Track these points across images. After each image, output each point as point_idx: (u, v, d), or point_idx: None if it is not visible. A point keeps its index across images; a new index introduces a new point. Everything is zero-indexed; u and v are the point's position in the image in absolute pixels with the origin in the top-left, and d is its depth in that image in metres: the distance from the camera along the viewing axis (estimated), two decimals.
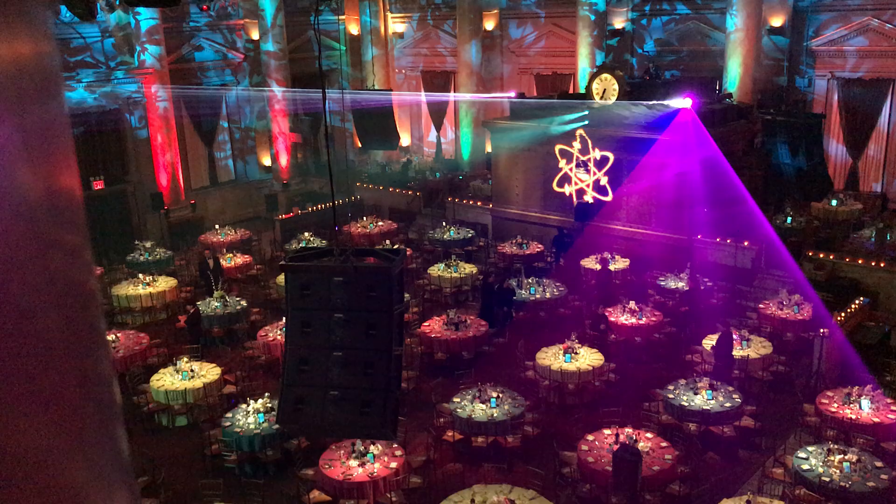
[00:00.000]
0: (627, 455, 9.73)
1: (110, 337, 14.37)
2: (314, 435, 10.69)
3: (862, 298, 14.74)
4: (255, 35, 25.33)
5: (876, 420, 11.04)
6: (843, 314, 13.94)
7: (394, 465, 10.29)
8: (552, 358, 13.26)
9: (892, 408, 11.27)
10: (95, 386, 1.15)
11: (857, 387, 11.55)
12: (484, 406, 11.60)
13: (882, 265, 16.03)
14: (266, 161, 26.49)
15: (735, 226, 17.24)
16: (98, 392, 1.15)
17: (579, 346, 13.41)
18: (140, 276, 17.72)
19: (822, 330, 13.27)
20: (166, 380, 12.95)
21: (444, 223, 21.16)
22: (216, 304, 16.10)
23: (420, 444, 11.64)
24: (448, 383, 13.18)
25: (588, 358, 13.22)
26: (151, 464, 11.16)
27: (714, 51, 21.47)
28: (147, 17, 21.88)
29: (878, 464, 9.85)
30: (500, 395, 11.81)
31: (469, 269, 18.08)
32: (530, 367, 13.50)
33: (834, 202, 19.17)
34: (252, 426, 11.35)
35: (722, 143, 17.01)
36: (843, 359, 12.93)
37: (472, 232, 20.83)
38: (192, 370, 13.03)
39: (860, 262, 16.29)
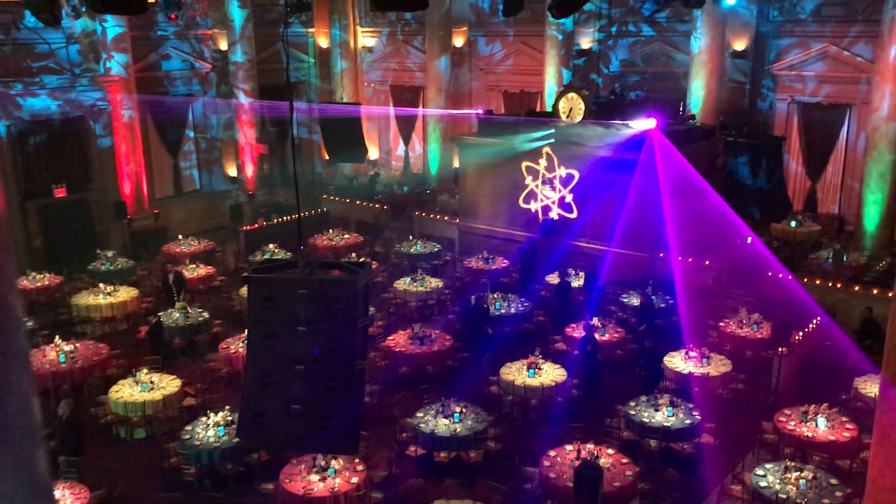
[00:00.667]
0: (588, 471, 9.79)
1: (69, 347, 14.15)
2: (275, 449, 10.60)
3: (819, 318, 15.00)
4: (223, 45, 25.20)
5: (832, 438, 11.24)
6: (801, 333, 14.18)
7: (355, 480, 10.23)
8: (516, 373, 13.31)
9: (847, 426, 11.48)
10: (6, 402, 1.11)
11: (813, 405, 11.75)
12: (447, 421, 11.60)
13: (839, 286, 16.36)
14: (232, 171, 26.30)
15: (700, 244, 17.48)
16: (9, 409, 1.12)
17: (543, 361, 13.49)
18: (101, 285, 17.46)
19: (780, 349, 13.49)
20: (125, 391, 12.76)
21: (410, 237, 21.17)
22: (178, 315, 15.93)
23: (382, 458, 11.60)
24: (412, 398, 13.16)
25: (551, 373, 13.30)
26: (108, 477, 10.99)
27: (678, 72, 21.82)
28: (114, 25, 21.67)
29: (834, 481, 10.02)
30: (464, 410, 11.82)
31: (435, 283, 18.10)
32: (494, 381, 13.53)
33: (793, 223, 19.54)
34: (212, 439, 11.22)
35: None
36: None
37: (438, 246, 20.86)
38: (151, 382, 12.86)
39: (818, 282, 16.61)
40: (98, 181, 22.43)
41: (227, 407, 11.80)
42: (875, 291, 15.83)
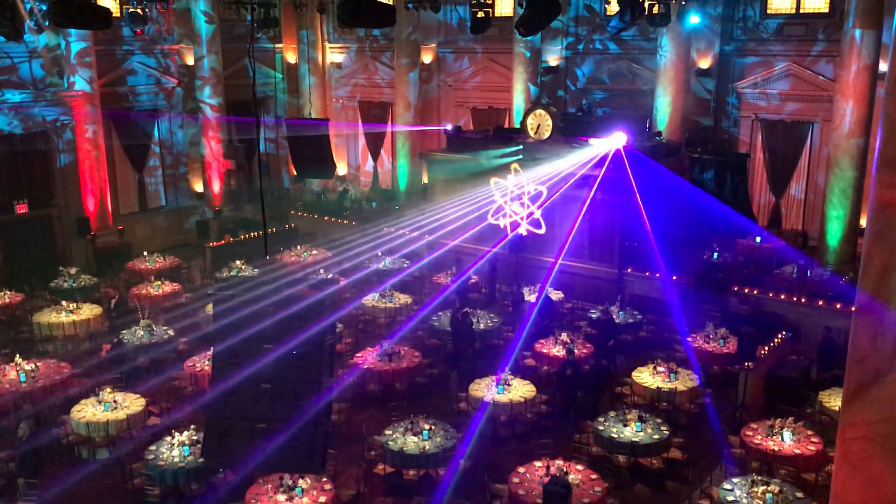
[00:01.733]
0: (557, 487, 9.77)
1: (30, 366, 13.85)
2: (241, 468, 10.43)
3: (784, 332, 15.18)
4: (189, 60, 25.02)
5: (797, 451, 11.34)
6: (766, 348, 14.33)
7: (323, 499, 10.10)
8: (485, 389, 13.27)
9: (813, 440, 11.60)
10: None
11: (779, 419, 11.85)
12: (416, 438, 11.52)
13: (803, 300, 16.58)
14: (198, 187, 26.05)
15: (665, 259, 17.63)
16: None
17: (512, 377, 13.46)
18: (63, 303, 17.15)
19: (746, 363, 13.61)
20: (88, 411, 12.51)
21: (378, 253, 21.10)
22: (142, 332, 15.69)
23: (350, 477, 11.47)
24: (380, 415, 13.06)
25: (520, 389, 13.28)
26: (70, 499, 10.75)
27: (644, 90, 22.08)
28: (78, 40, 21.42)
29: (799, 494, 10.10)
30: (433, 428, 11.75)
31: (404, 299, 18.03)
32: (463, 398, 13.48)
33: (758, 239, 19.78)
34: (176, 459, 11.02)
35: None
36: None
37: (407, 262, 20.81)
38: (115, 401, 12.63)
39: (783, 297, 16.82)
40: (61, 197, 22.08)
41: (192, 426, 11.62)
42: (838, 306, 16.05)
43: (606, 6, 22.71)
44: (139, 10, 18.78)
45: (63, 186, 22.10)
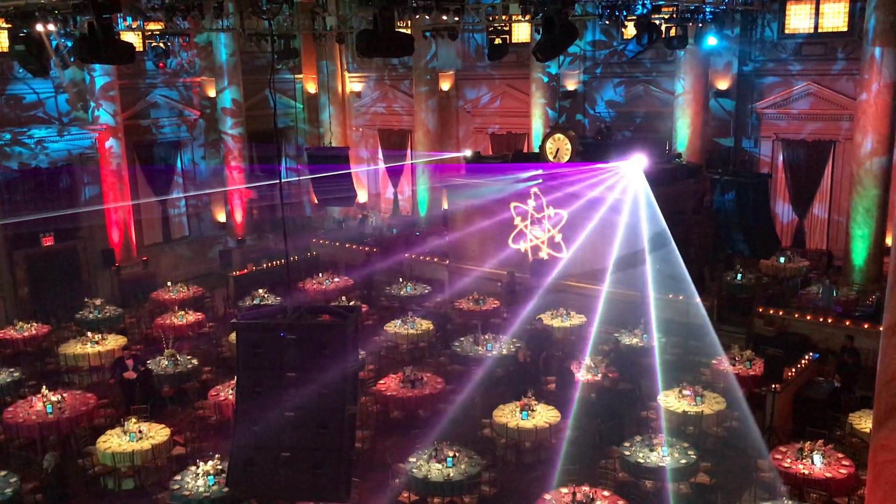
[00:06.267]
0: None
1: (56, 397, 13.93)
2: (265, 497, 10.42)
3: (811, 354, 14.97)
4: (211, 92, 25.37)
5: (828, 475, 11.14)
6: (793, 370, 14.14)
7: None
8: (509, 415, 13.18)
9: (844, 463, 11.39)
10: None
11: (809, 442, 11.66)
12: (440, 466, 11.44)
13: (829, 321, 16.38)
14: (221, 217, 26.29)
15: (686, 281, 17.51)
16: None
17: (536, 402, 13.37)
18: (89, 334, 17.28)
19: (773, 385, 13.44)
20: (113, 441, 12.55)
21: (400, 279, 21.13)
22: (166, 362, 15.77)
23: None
24: (404, 442, 13.01)
25: (545, 415, 13.18)
26: None
27: (663, 112, 22.06)
28: (102, 74, 21.80)
29: None
30: (457, 455, 11.67)
31: (426, 325, 18.00)
32: (487, 424, 13.40)
33: (782, 259, 19.61)
34: (201, 489, 11.01)
35: (673, 202, 17.37)
36: None
37: (428, 288, 20.80)
38: (140, 431, 12.67)
39: (808, 318, 16.63)
40: (86, 229, 22.35)
41: (216, 455, 11.61)
42: (866, 326, 15.84)
43: (623, 30, 22.78)
44: (162, 45, 19.10)
45: (88, 218, 22.36)
